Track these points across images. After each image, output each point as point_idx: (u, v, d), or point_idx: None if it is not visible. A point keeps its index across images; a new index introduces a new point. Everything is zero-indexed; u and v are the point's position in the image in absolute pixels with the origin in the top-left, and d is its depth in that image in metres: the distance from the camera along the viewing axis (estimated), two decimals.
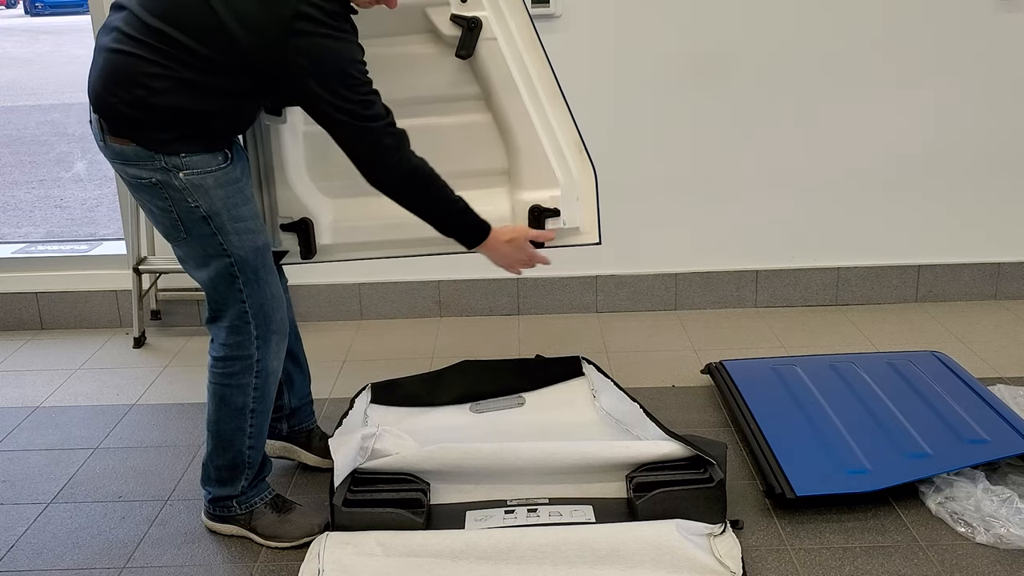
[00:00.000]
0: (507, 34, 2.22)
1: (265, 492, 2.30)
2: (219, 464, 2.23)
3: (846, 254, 3.67)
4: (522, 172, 2.24)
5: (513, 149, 2.25)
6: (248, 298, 2.09)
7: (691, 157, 3.55)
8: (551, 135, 2.23)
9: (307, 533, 2.23)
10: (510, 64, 2.22)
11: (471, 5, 2.20)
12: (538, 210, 2.18)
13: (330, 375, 3.19)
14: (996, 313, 3.59)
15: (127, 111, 1.95)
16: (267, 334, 2.14)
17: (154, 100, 1.93)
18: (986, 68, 3.46)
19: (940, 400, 2.68)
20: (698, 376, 3.09)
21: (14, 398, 3.11)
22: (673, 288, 3.70)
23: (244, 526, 2.28)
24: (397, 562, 2.10)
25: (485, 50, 2.20)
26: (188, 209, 2.01)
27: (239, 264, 2.06)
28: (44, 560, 2.24)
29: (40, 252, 3.85)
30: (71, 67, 13.34)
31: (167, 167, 1.98)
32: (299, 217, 2.21)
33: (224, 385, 2.16)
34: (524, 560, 2.08)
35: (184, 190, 1.99)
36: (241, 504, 2.27)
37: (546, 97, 2.24)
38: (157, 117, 1.95)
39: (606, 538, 2.12)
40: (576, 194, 2.21)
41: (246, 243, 2.05)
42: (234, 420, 2.18)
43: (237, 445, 2.20)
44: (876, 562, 2.13)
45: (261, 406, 2.20)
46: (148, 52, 1.92)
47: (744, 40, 3.43)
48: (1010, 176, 3.59)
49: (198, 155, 1.98)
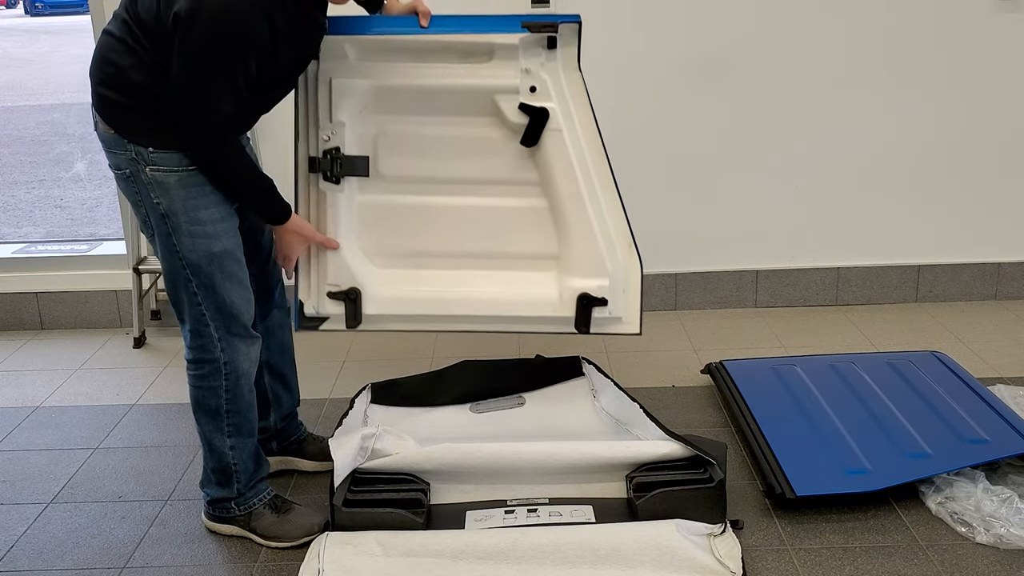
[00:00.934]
0: (571, 126, 2.28)
1: (264, 493, 2.31)
2: (211, 467, 2.26)
3: (846, 254, 3.67)
4: (573, 259, 2.29)
5: (566, 236, 2.30)
6: (203, 301, 2.10)
7: (691, 157, 3.55)
8: (604, 226, 2.29)
9: (307, 533, 2.24)
10: (572, 156, 2.28)
11: (540, 95, 2.26)
12: (587, 298, 2.24)
13: (330, 375, 3.19)
14: (996, 313, 3.59)
15: (103, 91, 2.02)
16: (230, 337, 2.14)
17: (123, 78, 1.99)
18: (986, 68, 3.46)
19: (940, 400, 2.68)
20: (698, 376, 3.09)
21: (14, 398, 3.11)
22: (673, 288, 3.70)
23: (244, 527, 2.29)
24: (397, 562, 2.10)
25: (549, 140, 2.26)
26: (151, 205, 2.05)
27: (191, 268, 2.07)
28: (44, 560, 2.24)
29: (40, 252, 3.85)
30: (71, 67, 13.34)
31: (136, 159, 2.02)
32: (348, 287, 2.21)
33: (196, 387, 2.19)
34: (524, 560, 2.08)
35: (148, 185, 2.03)
36: (240, 506, 2.28)
37: (601, 189, 2.29)
38: (128, 98, 2.00)
39: (606, 538, 2.12)
40: (623, 286, 2.27)
41: (199, 247, 2.05)
42: (211, 422, 2.21)
43: (219, 447, 2.22)
44: (876, 562, 2.13)
45: (235, 407, 2.20)
46: (119, 30, 2.01)
47: (744, 40, 3.43)
48: (1010, 176, 3.59)
49: (167, 153, 2.01)
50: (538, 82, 2.27)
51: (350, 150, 2.23)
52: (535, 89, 2.26)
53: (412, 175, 2.29)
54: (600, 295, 2.24)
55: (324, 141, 2.22)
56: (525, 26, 2.23)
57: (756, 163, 3.56)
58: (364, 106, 2.24)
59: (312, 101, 2.24)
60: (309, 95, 2.26)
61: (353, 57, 2.21)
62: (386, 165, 2.28)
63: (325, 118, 2.22)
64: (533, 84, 2.26)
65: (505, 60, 2.25)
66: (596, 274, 2.26)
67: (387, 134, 2.27)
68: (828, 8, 3.39)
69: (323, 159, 2.21)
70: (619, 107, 3.48)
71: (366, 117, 2.26)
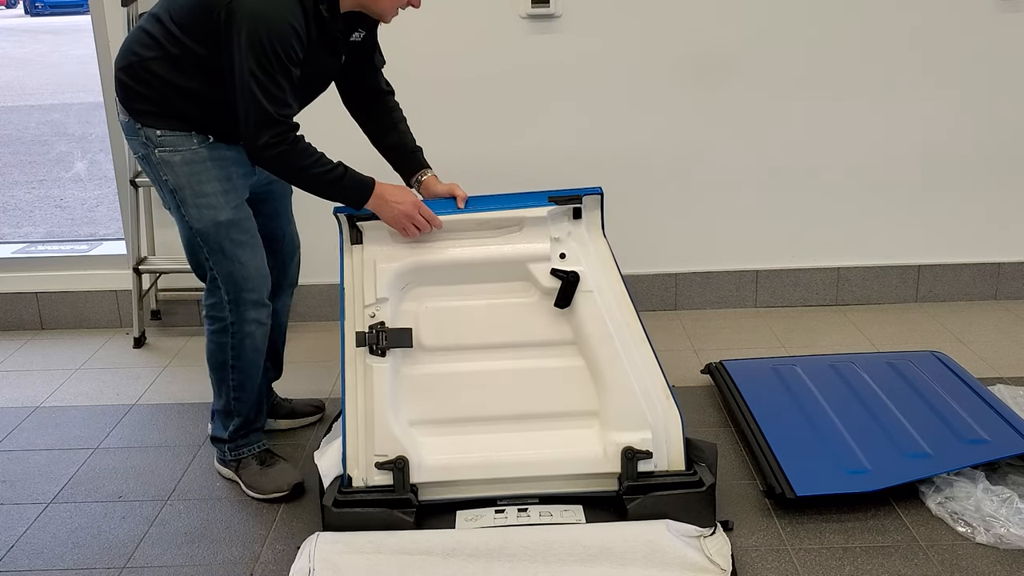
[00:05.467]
0: (601, 287, 2.40)
1: (255, 444, 2.52)
2: (217, 408, 2.50)
3: (846, 254, 3.67)
4: (613, 414, 2.35)
5: (605, 392, 2.37)
6: (215, 266, 2.33)
7: (691, 157, 3.55)
8: (640, 379, 2.36)
9: (276, 490, 2.43)
10: (604, 315, 2.37)
11: (569, 260, 2.39)
12: (631, 452, 2.30)
13: (330, 375, 3.19)
14: (996, 313, 3.59)
15: (123, 78, 2.26)
16: (238, 300, 2.35)
17: (143, 68, 2.21)
18: (986, 68, 3.46)
19: (940, 400, 2.68)
20: (698, 376, 3.09)
21: (14, 398, 3.11)
22: (673, 288, 3.70)
23: (234, 471, 2.51)
24: (388, 559, 2.11)
25: (582, 301, 2.37)
26: (162, 182, 2.30)
27: (201, 235, 2.30)
28: (44, 560, 2.24)
29: (40, 252, 3.85)
30: (71, 67, 13.33)
31: (147, 143, 2.26)
32: (395, 455, 2.28)
33: (209, 339, 2.43)
34: (515, 558, 2.09)
35: (158, 165, 2.27)
36: (231, 451, 2.50)
37: (635, 344, 2.38)
38: (144, 87, 2.22)
39: (597, 537, 2.13)
40: (665, 437, 2.34)
41: (205, 217, 2.27)
42: (219, 371, 2.45)
43: (224, 393, 2.46)
44: (876, 562, 2.13)
45: (239, 364, 2.42)
46: (151, 25, 2.23)
47: (744, 40, 3.43)
48: (1010, 176, 3.59)
49: (173, 135, 2.24)
50: (567, 249, 2.40)
51: (394, 323, 2.37)
52: (564, 256, 2.40)
53: (453, 344, 2.41)
54: (644, 448, 2.30)
55: (370, 317, 2.35)
56: (552, 200, 2.41)
57: (756, 163, 3.56)
58: (406, 284, 2.40)
59: (358, 282, 2.39)
60: (355, 276, 2.40)
61: (396, 240, 2.39)
62: (428, 336, 2.40)
63: (371, 296, 2.36)
64: (563, 251, 2.40)
65: (535, 230, 2.41)
66: (638, 427, 2.34)
67: (428, 306, 2.40)
68: (828, 9, 3.39)
69: (369, 333, 2.34)
70: (619, 107, 3.48)
71: (408, 292, 2.41)
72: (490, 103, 3.43)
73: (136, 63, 2.22)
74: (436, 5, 3.41)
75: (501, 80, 3.42)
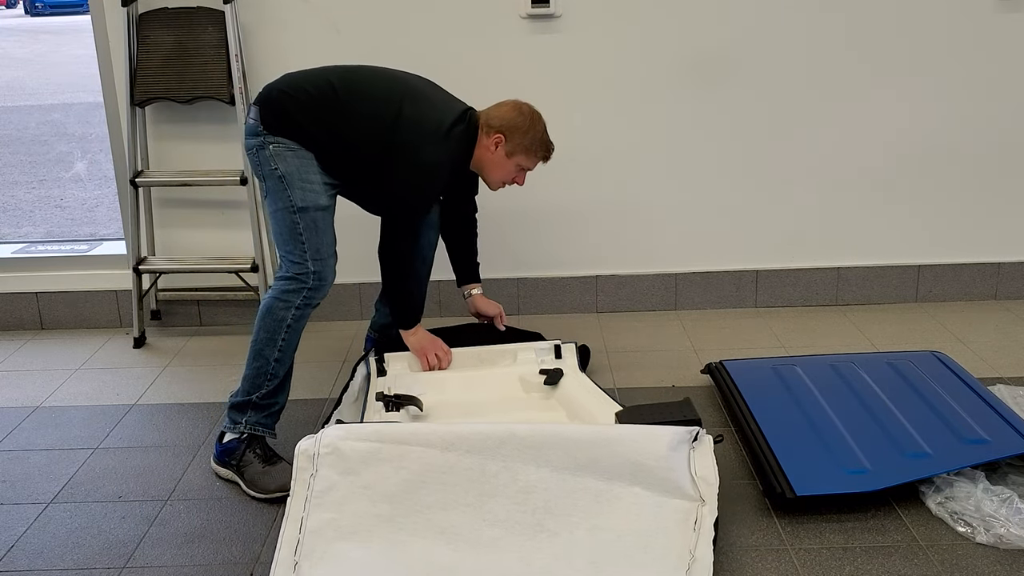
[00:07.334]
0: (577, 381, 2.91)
1: (267, 425, 2.56)
2: (248, 373, 2.55)
3: (846, 254, 3.68)
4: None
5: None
6: (307, 240, 2.58)
7: (690, 157, 3.55)
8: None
9: (280, 488, 2.41)
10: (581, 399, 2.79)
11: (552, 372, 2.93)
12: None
13: (330, 375, 3.19)
14: (996, 313, 3.59)
15: (277, 98, 2.64)
16: (320, 269, 2.59)
17: (288, 116, 2.62)
18: (986, 68, 3.47)
19: (940, 400, 2.68)
20: (698, 376, 3.09)
21: (14, 398, 3.12)
22: (673, 288, 3.70)
23: (235, 471, 2.52)
24: (388, 448, 2.23)
25: (565, 381, 2.90)
26: (270, 170, 2.60)
27: (300, 212, 2.58)
28: (44, 560, 2.24)
29: (40, 252, 3.85)
30: (71, 67, 13.33)
31: (264, 142, 2.62)
32: None
33: (275, 298, 2.57)
34: (510, 459, 2.22)
35: (271, 157, 2.60)
36: (248, 423, 2.54)
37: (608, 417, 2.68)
38: (290, 123, 2.61)
39: (588, 447, 2.24)
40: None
41: (309, 198, 2.60)
42: (270, 330, 2.54)
43: (266, 354, 2.54)
44: (876, 562, 2.13)
45: (296, 325, 2.57)
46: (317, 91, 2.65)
47: (744, 41, 3.43)
48: (1010, 176, 3.59)
49: (287, 140, 2.61)
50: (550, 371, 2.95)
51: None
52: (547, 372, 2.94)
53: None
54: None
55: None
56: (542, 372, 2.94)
57: (756, 163, 3.56)
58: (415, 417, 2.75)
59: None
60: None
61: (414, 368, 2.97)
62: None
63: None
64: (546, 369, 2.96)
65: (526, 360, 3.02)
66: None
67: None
68: (828, 9, 3.39)
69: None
70: (619, 107, 3.48)
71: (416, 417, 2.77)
72: (490, 103, 3.42)
73: (283, 112, 2.61)
74: (436, 5, 3.42)
75: (501, 80, 3.42)
